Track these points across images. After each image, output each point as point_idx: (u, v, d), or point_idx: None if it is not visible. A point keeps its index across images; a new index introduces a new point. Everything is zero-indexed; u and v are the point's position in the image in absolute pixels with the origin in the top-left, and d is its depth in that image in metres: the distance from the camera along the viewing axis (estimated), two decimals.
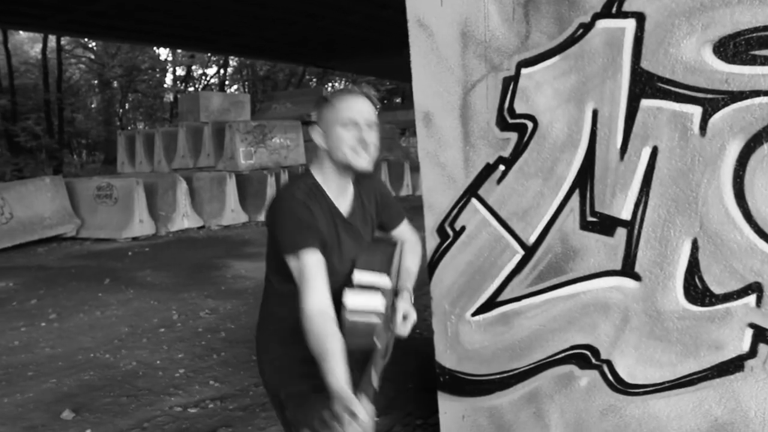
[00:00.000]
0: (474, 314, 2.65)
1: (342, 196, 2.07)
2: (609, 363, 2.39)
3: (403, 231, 2.28)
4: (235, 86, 41.41)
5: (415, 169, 18.51)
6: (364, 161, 1.97)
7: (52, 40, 29.21)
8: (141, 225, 12.42)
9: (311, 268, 1.85)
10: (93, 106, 39.03)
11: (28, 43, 35.79)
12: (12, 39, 30.80)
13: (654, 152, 2.15)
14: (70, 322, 6.41)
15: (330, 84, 37.41)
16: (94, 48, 35.12)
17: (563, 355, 2.49)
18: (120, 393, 4.45)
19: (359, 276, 2.00)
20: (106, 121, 37.17)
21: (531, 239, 2.45)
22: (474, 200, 2.54)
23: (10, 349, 5.57)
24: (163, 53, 37.45)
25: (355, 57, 24.01)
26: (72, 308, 6.97)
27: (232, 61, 37.70)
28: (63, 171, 24.64)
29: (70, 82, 35.19)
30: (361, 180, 2.11)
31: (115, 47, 33.25)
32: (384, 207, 2.22)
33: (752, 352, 2.09)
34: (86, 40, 32.03)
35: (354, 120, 1.95)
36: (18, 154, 26.56)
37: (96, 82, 37.27)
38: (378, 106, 2.05)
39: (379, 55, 21.35)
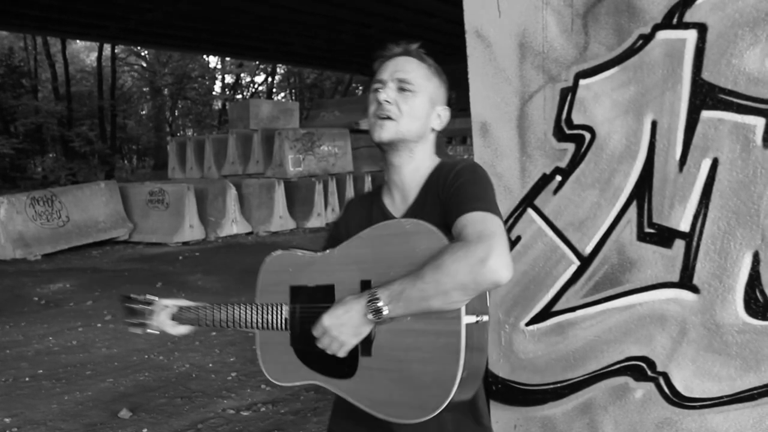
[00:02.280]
0: (528, 324, 2.65)
1: (396, 196, 1.70)
2: (665, 375, 2.37)
3: (462, 225, 1.43)
4: (283, 94, 41.92)
5: None
6: (378, 130, 1.61)
7: (107, 48, 30.04)
8: (191, 230, 12.68)
9: None
10: (144, 112, 40.01)
11: (84, 51, 36.89)
12: (69, 48, 31.78)
13: (714, 164, 2.13)
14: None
15: None
16: (146, 56, 35.98)
17: (618, 366, 2.48)
18: (174, 394, 4.56)
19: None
20: (156, 128, 38.04)
21: (587, 250, 2.45)
22: (530, 210, 2.54)
23: (69, 349, 5.75)
24: (213, 61, 38.19)
25: None
26: None
27: (280, 69, 38.20)
28: (114, 176, 25.35)
29: (123, 89, 36.13)
30: (435, 175, 1.65)
31: (166, 56, 34.03)
32: (448, 198, 1.54)
33: None
34: (139, 48, 32.84)
35: (379, 79, 1.65)
36: (72, 159, 27.37)
37: (147, 89, 38.17)
38: (429, 64, 1.68)
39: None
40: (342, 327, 1.46)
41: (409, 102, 1.63)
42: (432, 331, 1.40)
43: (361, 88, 38.92)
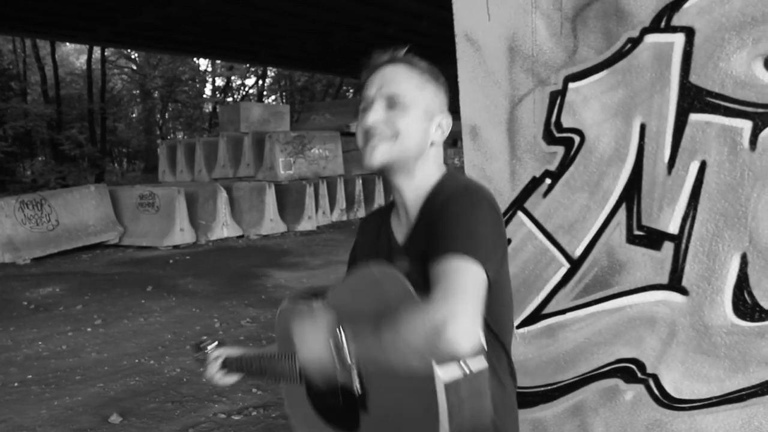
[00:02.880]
0: (519, 326, 2.66)
1: (402, 216, 1.56)
2: (655, 377, 2.38)
3: (436, 273, 1.26)
4: (273, 97, 41.89)
5: None
6: (368, 155, 1.46)
7: (96, 51, 29.92)
8: (182, 233, 12.64)
9: None
10: (134, 115, 39.91)
11: (73, 54, 36.78)
12: (59, 51, 31.66)
13: (702, 166, 2.15)
14: (114, 328, 6.55)
15: None
16: (137, 59, 35.89)
17: (608, 368, 2.49)
18: (165, 399, 4.55)
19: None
20: (147, 131, 37.95)
21: (577, 252, 2.46)
22: (520, 213, 2.55)
23: (58, 353, 5.72)
24: (203, 64, 38.12)
25: None
26: (116, 314, 7.12)
27: (271, 72, 38.17)
28: (104, 179, 25.22)
29: (113, 92, 36.02)
30: (433, 195, 1.49)
31: (156, 58, 33.96)
32: (435, 231, 1.38)
33: None
34: (129, 51, 32.75)
35: (366, 97, 1.51)
36: (62, 162, 27.24)
37: (137, 92, 38.07)
38: (421, 70, 1.52)
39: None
40: (304, 336, 1.35)
41: (400, 119, 1.45)
42: (412, 388, 1.28)
43: (351, 90, 38.94)
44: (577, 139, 2.38)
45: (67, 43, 32.48)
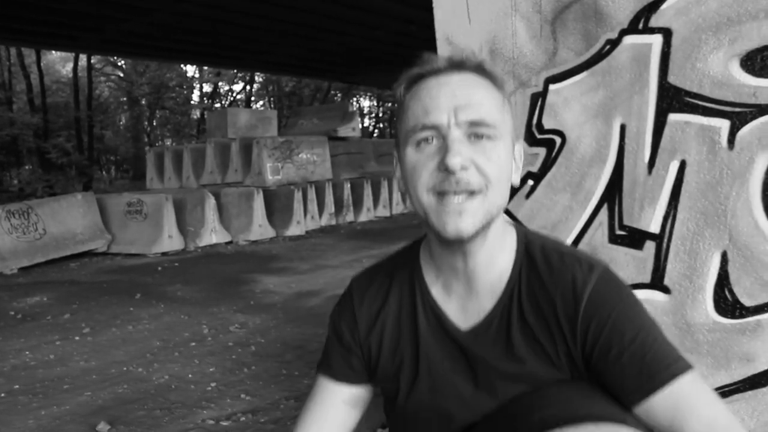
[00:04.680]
0: None
1: (456, 289, 1.13)
2: None
3: (662, 414, 0.98)
4: (261, 102, 41.85)
5: None
6: (453, 219, 1.01)
7: (82, 59, 29.84)
8: (170, 240, 12.60)
9: (310, 397, 1.27)
10: (121, 123, 39.80)
11: (59, 62, 36.63)
12: (44, 59, 31.53)
13: (682, 166, 2.17)
14: (102, 336, 6.51)
15: (355, 98, 37.58)
16: (123, 66, 35.79)
17: None
18: (153, 406, 4.53)
19: None
20: (135, 138, 37.85)
21: None
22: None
23: (46, 363, 5.68)
24: (190, 70, 38.05)
25: (380, 72, 24.20)
26: (104, 322, 7.09)
27: (258, 78, 38.15)
28: (92, 187, 25.13)
29: (100, 99, 35.91)
30: (532, 277, 1.10)
31: (143, 65, 33.87)
32: (600, 351, 1.03)
33: None
34: (116, 58, 32.65)
35: (432, 123, 1.02)
36: (49, 171, 27.11)
37: (124, 99, 37.97)
38: (498, 84, 1.09)
39: (405, 69, 21.52)
40: None
41: (493, 157, 1.03)
42: None
43: (339, 95, 38.96)
44: (558, 140, 2.40)
45: (53, 51, 32.33)
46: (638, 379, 0.98)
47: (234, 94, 39.92)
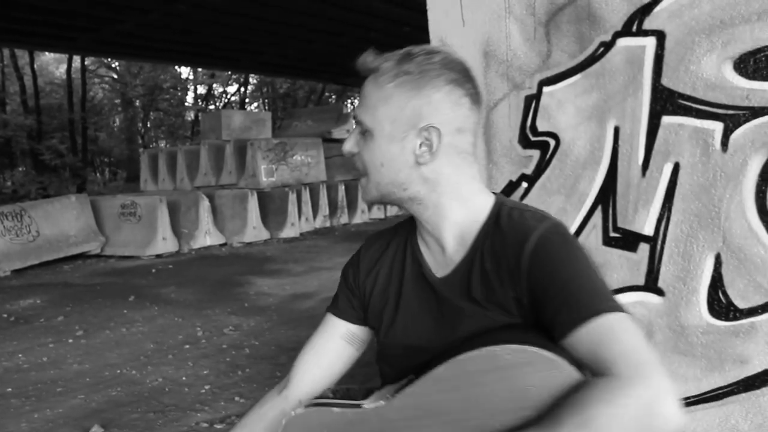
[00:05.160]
0: None
1: (430, 242, 1.28)
2: None
3: (585, 343, 1.03)
4: (256, 104, 41.80)
5: None
6: (360, 191, 1.32)
7: (76, 60, 29.72)
8: (164, 242, 12.57)
9: (316, 331, 1.43)
10: (115, 124, 39.67)
11: (53, 64, 36.48)
12: (38, 60, 31.42)
13: (676, 168, 2.17)
14: (96, 339, 6.50)
15: (350, 100, 37.57)
16: (117, 68, 35.69)
17: None
18: (147, 409, 4.51)
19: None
20: (129, 140, 37.72)
21: None
22: None
23: (39, 365, 5.66)
24: (185, 72, 37.98)
25: None
26: (98, 325, 7.07)
27: (253, 79, 38.09)
28: (86, 189, 25.02)
29: (94, 101, 35.78)
30: (489, 228, 1.21)
31: (137, 67, 33.78)
32: (538, 293, 1.11)
33: None
34: (110, 60, 32.57)
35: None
36: (43, 173, 27.00)
37: (118, 101, 37.84)
38: (389, 76, 1.22)
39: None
40: None
41: (365, 152, 1.24)
42: None
43: (334, 96, 38.94)
44: (552, 142, 2.40)
45: (47, 53, 32.24)
46: (568, 314, 1.06)
47: (228, 96, 39.83)
